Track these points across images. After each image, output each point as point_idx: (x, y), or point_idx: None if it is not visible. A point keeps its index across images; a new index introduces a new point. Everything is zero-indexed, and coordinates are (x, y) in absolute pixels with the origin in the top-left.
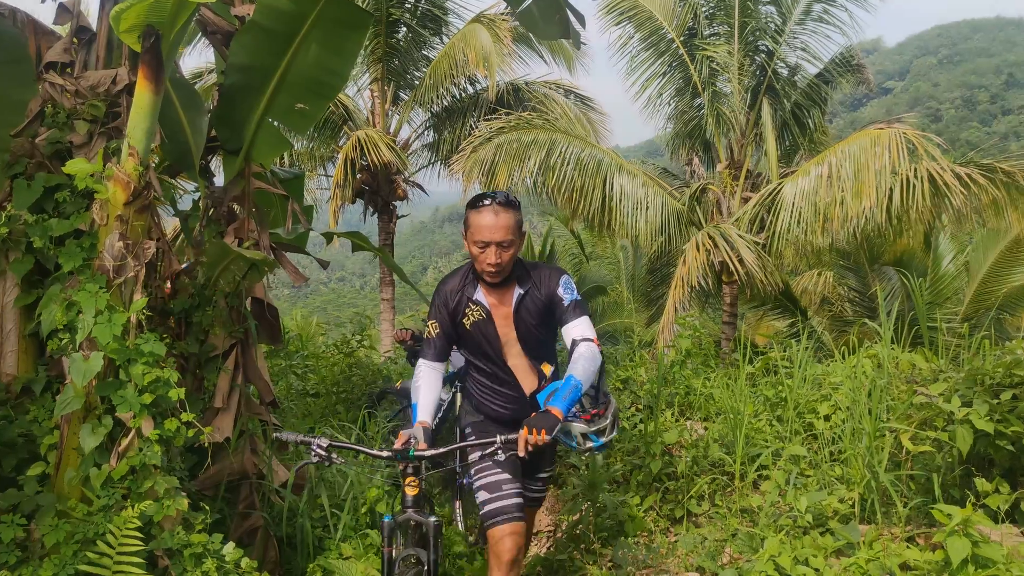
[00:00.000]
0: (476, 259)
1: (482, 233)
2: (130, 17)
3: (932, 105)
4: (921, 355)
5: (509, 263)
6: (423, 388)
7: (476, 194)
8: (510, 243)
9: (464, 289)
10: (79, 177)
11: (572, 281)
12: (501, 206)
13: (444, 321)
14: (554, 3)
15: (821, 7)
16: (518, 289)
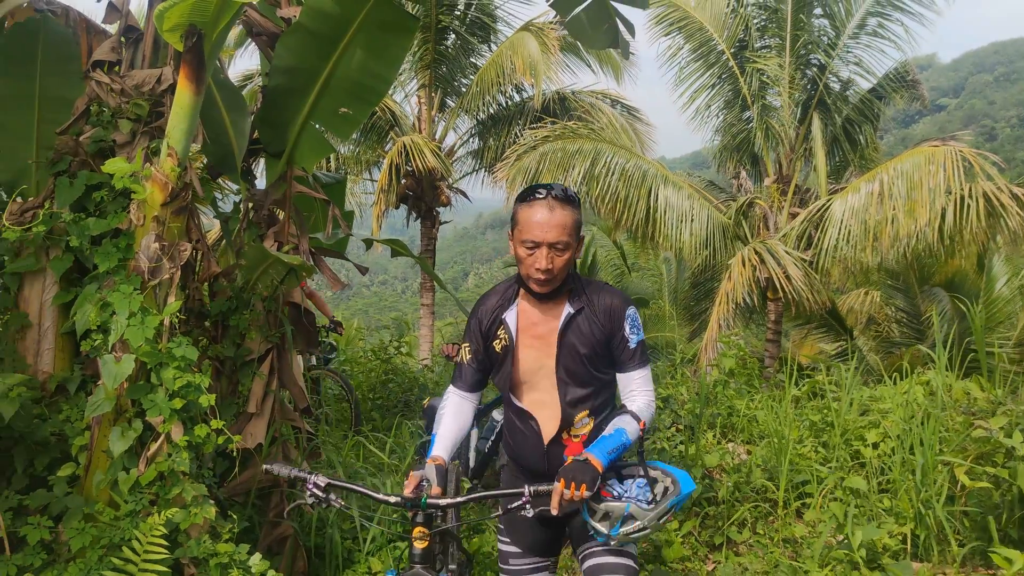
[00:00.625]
0: (522, 263)
1: (532, 231)
2: (173, 16)
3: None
4: (976, 383)
5: (562, 271)
6: (446, 418)
7: (528, 186)
8: (565, 246)
9: (502, 306)
10: (117, 176)
11: (639, 315)
12: (557, 200)
13: (478, 345)
14: (604, 12)
15: (876, 21)
16: (568, 307)
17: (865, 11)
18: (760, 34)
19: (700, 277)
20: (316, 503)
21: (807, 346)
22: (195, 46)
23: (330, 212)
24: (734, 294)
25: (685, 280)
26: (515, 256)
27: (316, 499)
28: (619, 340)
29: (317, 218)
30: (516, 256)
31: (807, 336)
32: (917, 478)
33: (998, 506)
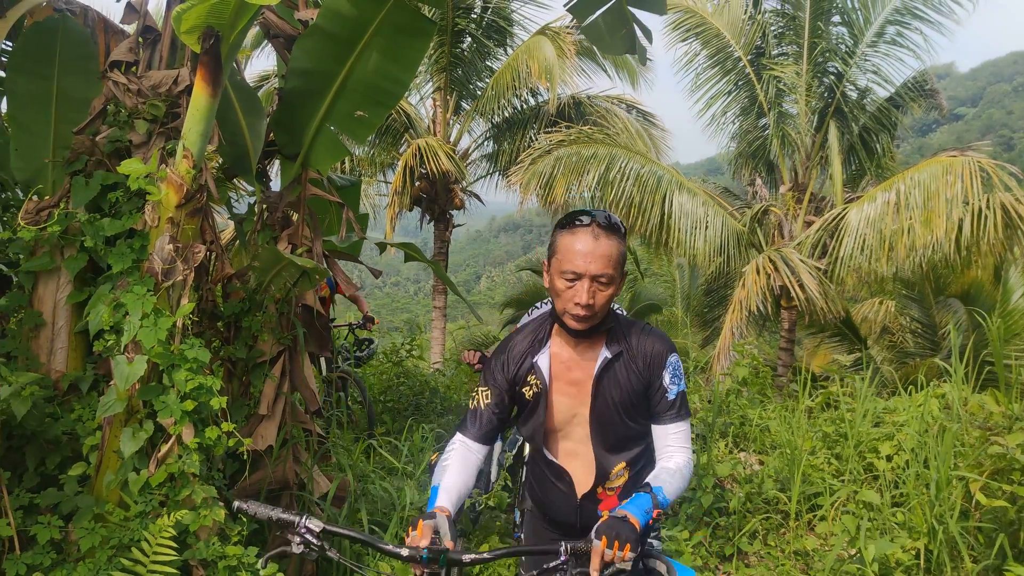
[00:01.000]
0: (559, 296)
1: (574, 261)
2: (191, 18)
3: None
4: (992, 397)
5: (604, 307)
6: (451, 469)
7: (571, 211)
8: (609, 280)
9: (533, 349)
10: (132, 177)
11: (681, 364)
12: (602, 229)
13: (500, 390)
14: (621, 17)
15: (895, 29)
16: (605, 350)
17: (884, 19)
18: (777, 41)
19: (714, 284)
20: (307, 552)
21: (820, 355)
22: (212, 48)
23: (344, 215)
24: (747, 302)
25: (698, 287)
26: (551, 288)
27: (308, 547)
28: (657, 389)
29: (331, 221)
30: (552, 288)
31: (821, 345)
32: (931, 493)
33: (1013, 523)
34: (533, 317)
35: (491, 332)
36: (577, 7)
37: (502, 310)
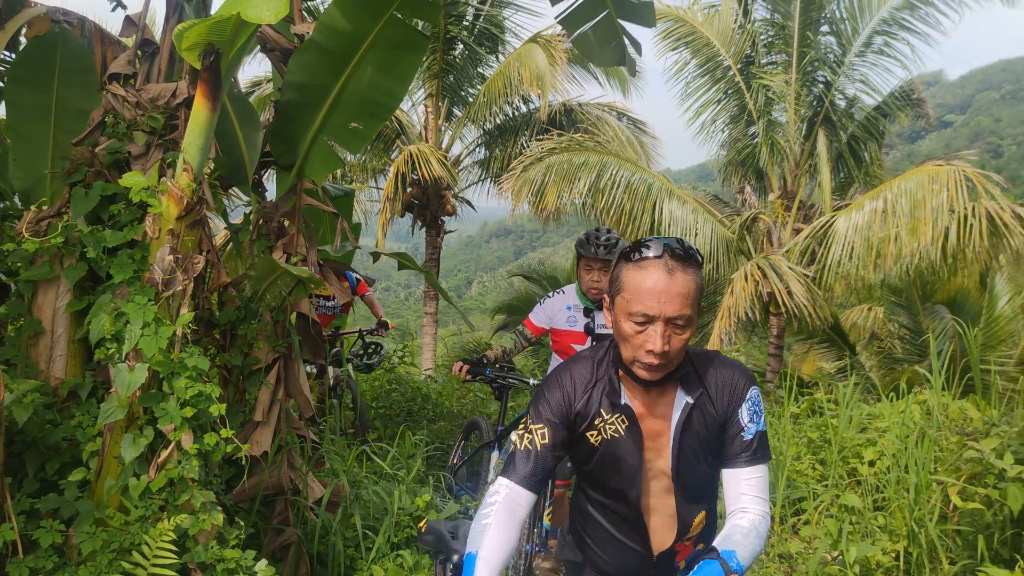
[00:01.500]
0: (627, 342)
1: (645, 301)
2: (192, 36)
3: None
4: (972, 403)
5: (680, 353)
6: (494, 529)
7: (638, 241)
8: (687, 322)
9: (602, 383)
10: (134, 190)
11: (761, 398)
12: (678, 261)
13: (557, 428)
14: (611, 30)
15: (882, 39)
16: (684, 395)
17: (872, 29)
18: (767, 50)
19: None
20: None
21: (809, 361)
22: (212, 65)
23: (339, 225)
24: (736, 309)
25: None
26: (616, 331)
27: None
28: (733, 426)
29: (325, 230)
30: (617, 331)
31: (810, 351)
32: (911, 497)
33: (989, 526)
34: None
35: (483, 338)
36: (568, 20)
37: (493, 316)
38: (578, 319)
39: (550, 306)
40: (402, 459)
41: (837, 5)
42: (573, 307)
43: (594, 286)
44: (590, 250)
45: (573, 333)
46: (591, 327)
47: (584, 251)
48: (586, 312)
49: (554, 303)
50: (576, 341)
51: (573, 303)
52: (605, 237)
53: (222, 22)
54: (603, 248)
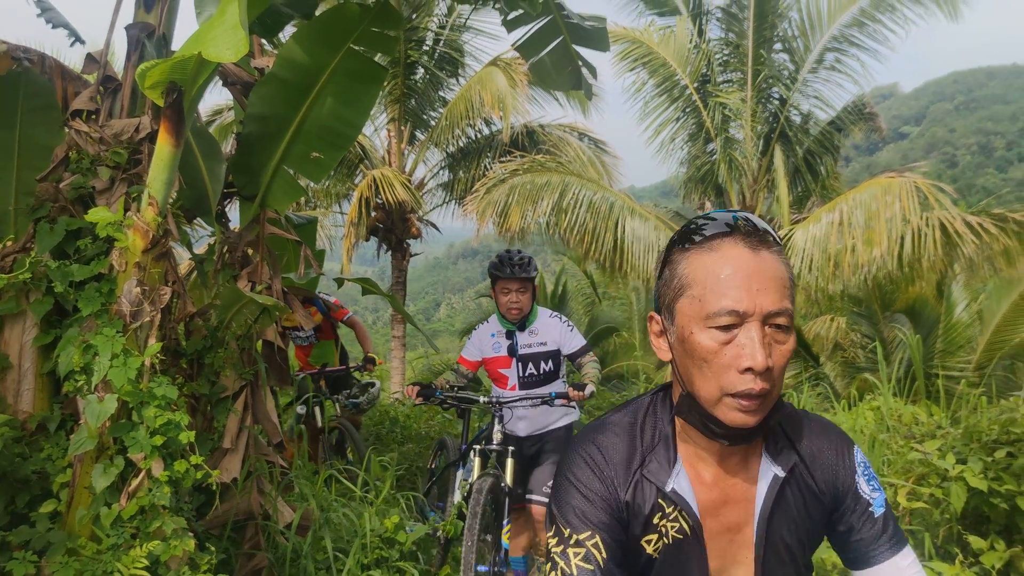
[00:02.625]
0: (703, 367)
1: (730, 293)
2: (155, 75)
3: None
4: (924, 408)
5: (781, 379)
6: None
7: (691, 220)
8: (789, 321)
9: (653, 460)
10: (100, 225)
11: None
12: (759, 239)
13: (614, 530)
14: (566, 55)
15: (833, 56)
16: (770, 464)
17: (823, 46)
18: (722, 69)
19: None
20: None
21: None
22: (175, 102)
23: (302, 252)
24: None
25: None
26: (682, 357)
27: None
28: (854, 505)
29: (289, 258)
30: (687, 354)
31: None
32: None
33: (937, 524)
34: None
35: (451, 360)
36: (524, 47)
37: (462, 337)
38: (501, 343)
39: (477, 338)
40: (371, 482)
41: (789, 24)
42: (497, 333)
43: (513, 306)
44: (505, 271)
45: (499, 358)
46: (514, 348)
47: (499, 273)
48: (508, 334)
49: (480, 333)
50: (502, 365)
51: (496, 329)
52: (518, 257)
53: (184, 61)
54: (518, 267)
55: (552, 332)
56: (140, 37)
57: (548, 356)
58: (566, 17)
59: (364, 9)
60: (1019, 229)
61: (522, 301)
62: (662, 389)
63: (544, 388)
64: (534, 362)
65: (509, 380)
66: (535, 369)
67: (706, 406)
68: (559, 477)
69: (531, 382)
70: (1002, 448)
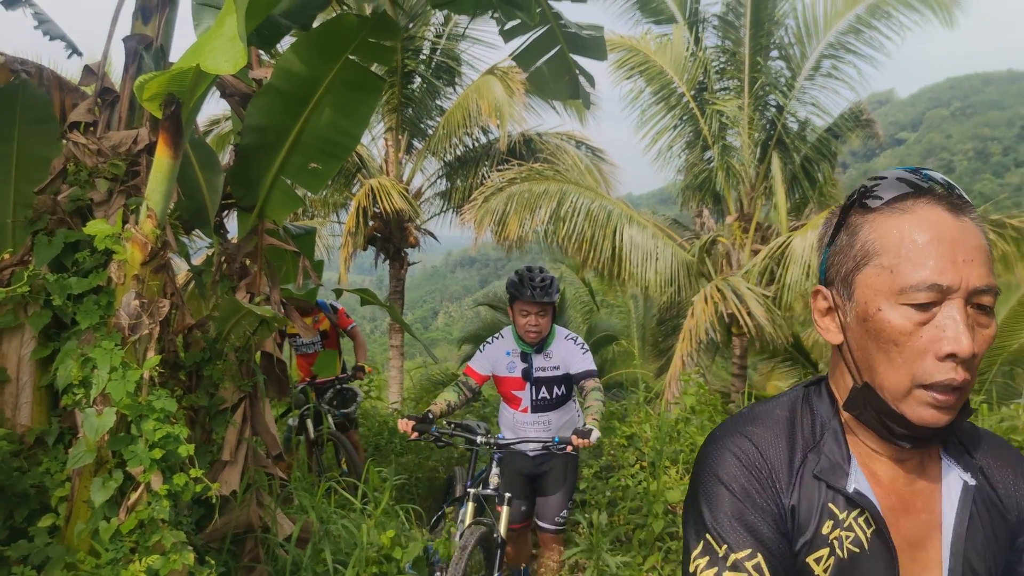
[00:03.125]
0: (892, 350)
1: (931, 262)
2: (153, 87)
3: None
4: None
5: (975, 371)
6: None
7: (875, 176)
8: (993, 302)
9: (817, 457)
10: (99, 238)
11: None
12: (963, 205)
13: (774, 552)
14: (564, 64)
15: (830, 63)
16: (954, 468)
17: (819, 53)
18: (719, 76)
19: (666, 314)
20: None
21: (775, 378)
22: (174, 114)
23: (300, 263)
24: (697, 331)
25: (652, 317)
26: (863, 337)
27: None
28: None
29: (288, 269)
30: (872, 334)
31: (773, 370)
32: None
33: None
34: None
35: (449, 369)
36: (521, 56)
37: (460, 346)
38: (516, 364)
39: (491, 352)
40: (369, 493)
41: (785, 31)
42: (512, 352)
43: (532, 330)
44: (525, 293)
45: (512, 379)
46: (528, 372)
47: (518, 293)
48: (523, 356)
49: (495, 348)
50: (516, 387)
51: (512, 347)
52: (540, 278)
53: (182, 73)
54: (539, 290)
55: (566, 355)
56: (138, 49)
57: (562, 380)
58: (563, 26)
59: (362, 20)
60: (1017, 235)
61: (541, 325)
62: (815, 383)
63: (555, 413)
64: (548, 386)
65: (522, 402)
66: (548, 393)
67: (890, 400)
68: (700, 475)
69: (543, 405)
70: None
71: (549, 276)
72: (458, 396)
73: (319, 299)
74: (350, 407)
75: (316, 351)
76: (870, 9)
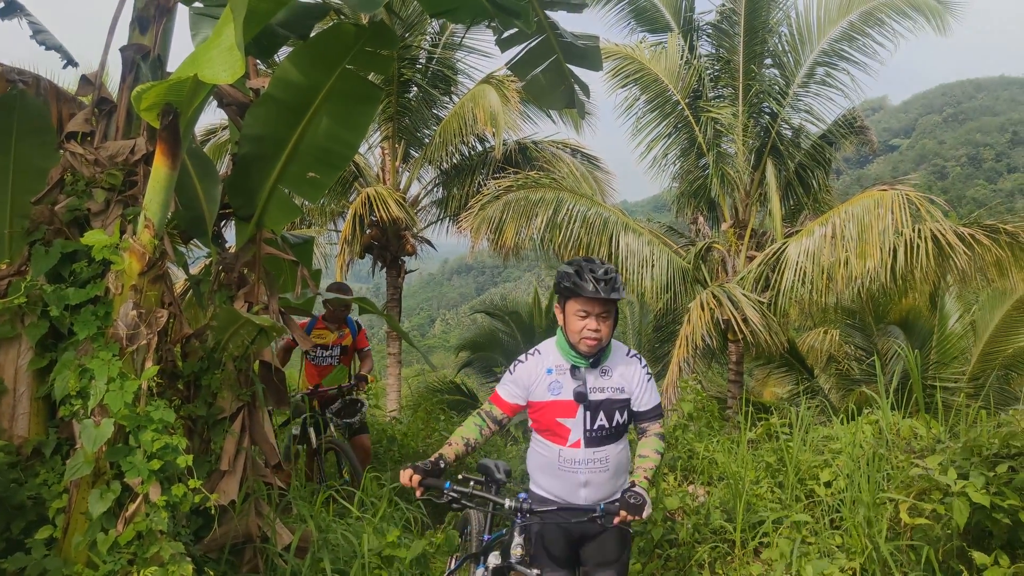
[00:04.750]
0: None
1: None
2: (150, 97)
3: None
4: (922, 422)
5: None
6: None
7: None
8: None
9: None
10: (96, 248)
11: None
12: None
13: None
14: (560, 74)
15: (824, 70)
16: None
17: (813, 61)
18: (713, 84)
19: (662, 320)
20: None
21: (771, 384)
22: (171, 124)
23: (299, 273)
24: (693, 337)
25: (648, 323)
26: None
27: None
28: None
29: (286, 278)
30: None
31: (769, 375)
32: (864, 515)
33: (939, 539)
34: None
35: (446, 376)
36: (517, 65)
37: (457, 353)
38: (564, 383)
39: (524, 373)
40: (367, 500)
41: (779, 39)
42: (556, 368)
43: (592, 336)
44: (587, 287)
45: (559, 403)
46: (582, 392)
47: (577, 288)
48: (573, 372)
49: (529, 369)
50: (564, 414)
51: (556, 363)
52: (603, 269)
53: (179, 83)
54: (604, 284)
55: (630, 376)
56: (135, 59)
57: (624, 406)
58: (559, 36)
59: (359, 29)
60: (1011, 240)
61: (603, 330)
62: None
63: (614, 446)
64: (607, 412)
65: (571, 434)
66: (607, 420)
67: None
68: None
69: (600, 437)
70: (1004, 462)
71: (612, 269)
72: (479, 432)
73: (348, 316)
74: (354, 417)
75: (332, 364)
76: (863, 16)
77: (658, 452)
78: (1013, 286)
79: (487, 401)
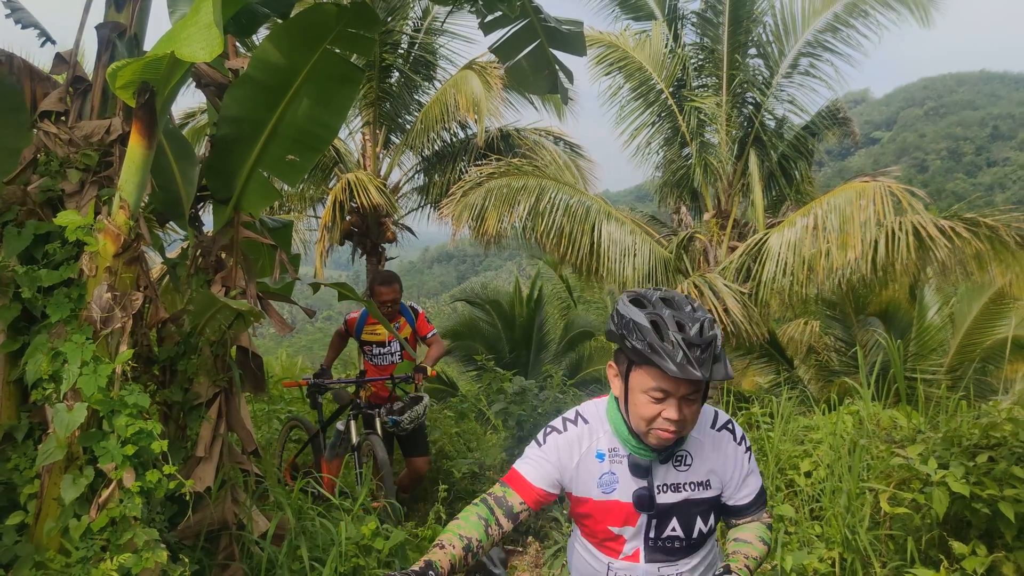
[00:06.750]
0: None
1: None
2: (126, 74)
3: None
4: (903, 412)
5: None
6: None
7: None
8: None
9: None
10: (70, 229)
11: None
12: None
13: None
14: (543, 59)
15: (808, 61)
16: None
17: (797, 51)
18: (697, 73)
19: None
20: None
21: (749, 376)
22: (147, 103)
23: (277, 257)
24: None
25: None
26: None
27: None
28: None
29: (264, 263)
30: None
31: (749, 366)
32: (843, 504)
33: (918, 529)
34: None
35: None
36: (501, 49)
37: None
38: (622, 478)
39: (566, 446)
40: (348, 489)
41: (764, 29)
42: (611, 455)
43: (667, 428)
44: (676, 355)
45: (612, 505)
46: (645, 496)
47: (653, 358)
48: (635, 467)
49: (570, 444)
50: (617, 520)
51: (610, 446)
52: (697, 327)
53: (156, 60)
54: (700, 351)
55: (721, 463)
56: (111, 37)
57: (710, 507)
58: (543, 20)
59: (341, 10)
60: (990, 233)
61: (687, 417)
62: None
63: (689, 561)
64: (682, 519)
65: (626, 545)
66: (683, 529)
67: None
68: None
69: (669, 550)
70: (983, 452)
71: (711, 319)
72: (485, 529)
73: (401, 303)
74: (403, 415)
75: (393, 362)
76: (848, 7)
77: (764, 542)
78: (992, 279)
79: (499, 482)
